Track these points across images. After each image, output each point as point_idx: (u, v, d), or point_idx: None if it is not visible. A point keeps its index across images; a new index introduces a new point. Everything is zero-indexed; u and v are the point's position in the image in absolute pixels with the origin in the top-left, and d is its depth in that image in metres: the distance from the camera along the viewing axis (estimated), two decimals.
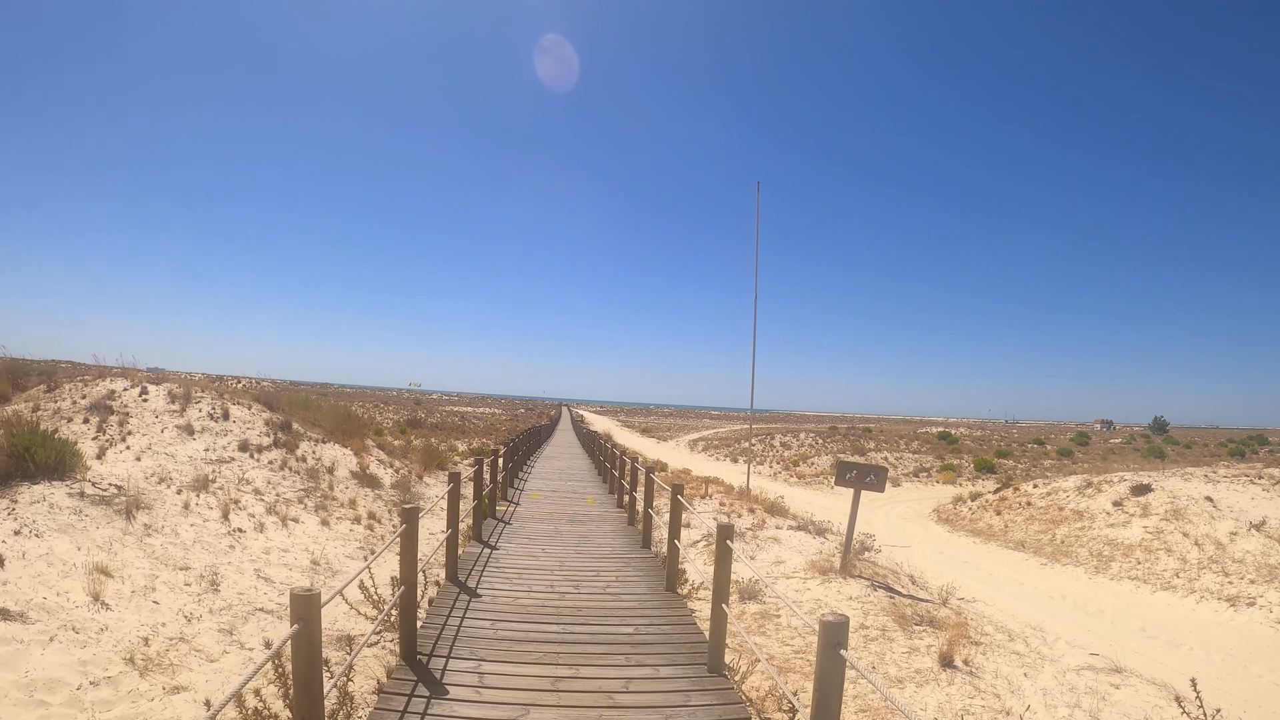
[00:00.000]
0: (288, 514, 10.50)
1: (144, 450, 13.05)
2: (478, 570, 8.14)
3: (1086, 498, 18.43)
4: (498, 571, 8.13)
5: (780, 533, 12.15)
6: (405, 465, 19.26)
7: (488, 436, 41.21)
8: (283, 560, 8.64)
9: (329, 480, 13.92)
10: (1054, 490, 19.89)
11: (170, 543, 8.29)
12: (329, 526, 10.63)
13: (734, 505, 16.24)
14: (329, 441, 17.22)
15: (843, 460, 8.90)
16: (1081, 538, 15.81)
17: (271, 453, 14.66)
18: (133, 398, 15.76)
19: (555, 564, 8.64)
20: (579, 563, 8.76)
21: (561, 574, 8.15)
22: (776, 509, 16.35)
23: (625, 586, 7.75)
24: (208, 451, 13.83)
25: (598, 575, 8.18)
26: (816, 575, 8.99)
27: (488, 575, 7.93)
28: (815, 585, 8.60)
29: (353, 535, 10.60)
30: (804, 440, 51.14)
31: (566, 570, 8.34)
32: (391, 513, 12.85)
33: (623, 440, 53.61)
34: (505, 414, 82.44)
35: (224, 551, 8.43)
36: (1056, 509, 18.25)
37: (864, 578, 9.14)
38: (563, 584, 7.71)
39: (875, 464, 8.82)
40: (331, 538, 10.12)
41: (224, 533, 9.05)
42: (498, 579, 7.78)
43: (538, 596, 7.16)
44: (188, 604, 6.76)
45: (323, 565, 8.79)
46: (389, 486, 15.19)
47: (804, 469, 36.50)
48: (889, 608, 8.03)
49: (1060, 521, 17.25)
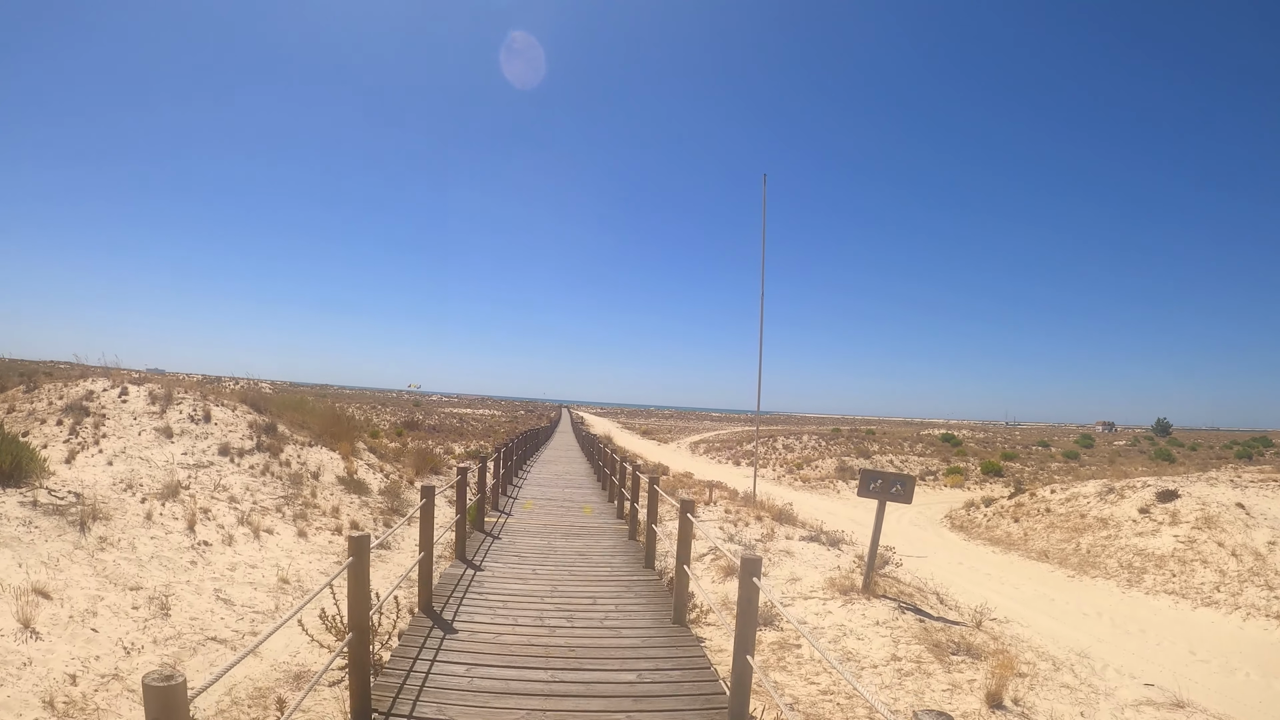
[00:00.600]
0: (261, 524, 9.68)
1: (118, 454, 12.26)
2: (457, 597, 7.03)
3: (1109, 504, 17.59)
4: (480, 599, 7.02)
5: (792, 544, 11.33)
6: (397, 469, 18.45)
7: (486, 439, 40.39)
8: (249, 578, 7.82)
9: (312, 487, 13.11)
10: (1074, 496, 19.04)
11: (125, 558, 7.48)
12: (306, 538, 9.81)
13: (740, 513, 15.41)
14: (316, 445, 16.42)
15: (866, 470, 8.08)
16: (1108, 547, 14.96)
17: (253, 457, 13.86)
18: (112, 399, 14.99)
19: (547, 588, 7.57)
20: (574, 586, 7.72)
21: (553, 601, 7.08)
22: (785, 516, 15.52)
23: (626, 618, 6.68)
24: (185, 455, 13.05)
25: (595, 603, 7.14)
26: (837, 595, 8.17)
27: (468, 604, 6.85)
28: (837, 607, 7.77)
29: (331, 548, 9.77)
30: (806, 443, 50.30)
31: (559, 596, 7.28)
32: (377, 522, 12.04)
33: (623, 443, 52.79)
34: (505, 416, 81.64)
35: (184, 568, 7.62)
36: (1078, 516, 17.40)
37: (889, 597, 8.32)
38: (554, 614, 6.65)
39: (902, 473, 7.98)
40: (307, 551, 9.31)
41: (187, 546, 8.23)
42: (479, 609, 6.71)
43: (524, 631, 6.08)
44: (131, 632, 5.94)
45: (292, 584, 7.96)
46: (377, 493, 14.37)
47: (808, 472, 35.68)
48: (920, 634, 7.21)
49: (1083, 530, 16.41)
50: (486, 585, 7.55)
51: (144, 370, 55.77)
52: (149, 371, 52.53)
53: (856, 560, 10.20)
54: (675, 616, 6.57)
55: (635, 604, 7.16)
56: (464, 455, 29.08)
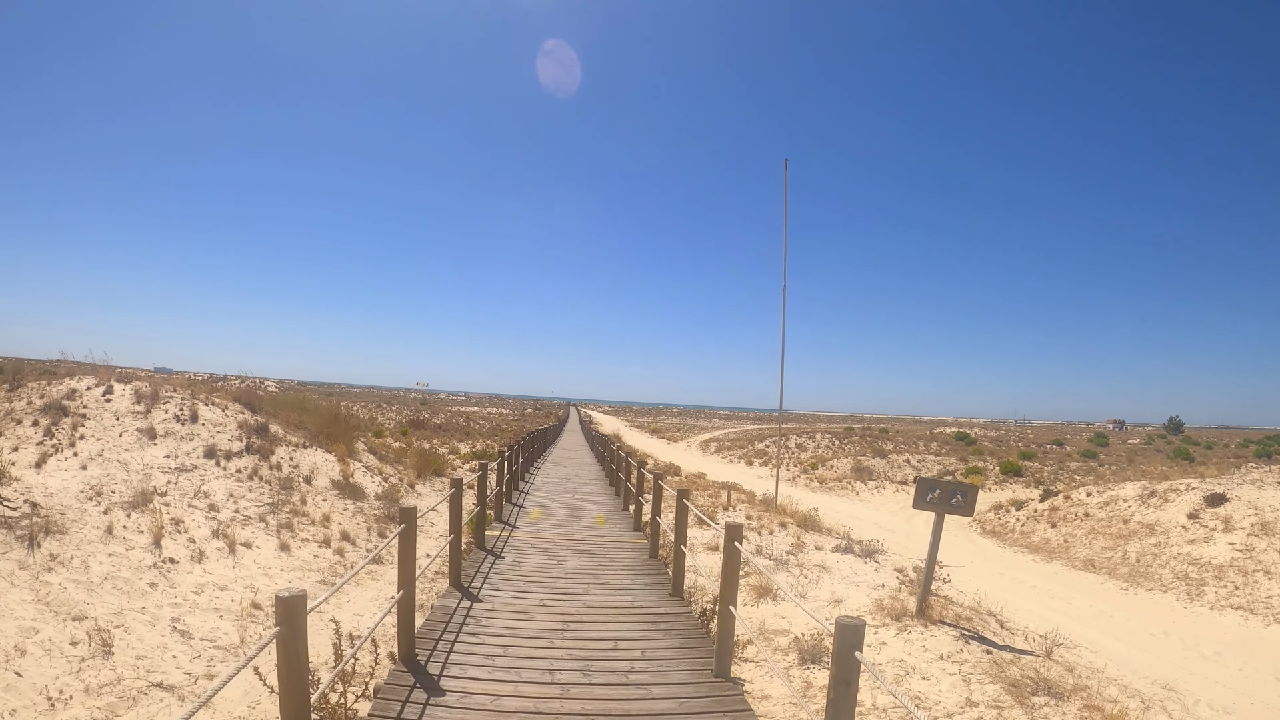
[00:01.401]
0: (238, 537, 8.72)
1: (94, 457, 11.35)
2: (447, 641, 5.64)
3: (1153, 508, 16.48)
4: (476, 643, 5.63)
5: (825, 556, 10.30)
6: (398, 471, 17.50)
7: (492, 438, 39.46)
8: (215, 602, 6.85)
9: (303, 492, 12.16)
10: (1112, 499, 17.93)
11: (74, 580, 6.53)
12: (289, 552, 8.84)
13: (762, 519, 14.39)
14: (312, 446, 15.48)
15: (923, 478, 7.05)
16: (1159, 556, 13.87)
17: (241, 459, 12.93)
18: (95, 398, 14.08)
19: (557, 626, 6.17)
20: (590, 623, 6.33)
21: (565, 645, 5.68)
22: (810, 523, 14.48)
23: (656, 669, 5.25)
24: (168, 458, 12.13)
25: (616, 646, 5.74)
26: (889, 621, 7.14)
27: (461, 650, 5.44)
28: (891, 636, 6.75)
29: (316, 563, 8.80)
30: (820, 442, 49.21)
31: (572, 638, 5.90)
32: (370, 531, 11.06)
33: (633, 442, 51.80)
34: (512, 414, 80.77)
35: (141, 592, 6.66)
36: (1121, 521, 16.30)
37: (947, 623, 7.29)
38: (566, 664, 5.26)
39: (961, 481, 6.92)
40: (289, 567, 8.33)
41: (149, 565, 7.27)
42: (474, 659, 5.29)
43: (530, 691, 4.74)
44: (62, 676, 4.98)
45: (265, 610, 6.98)
46: (374, 498, 13.41)
47: (824, 473, 34.56)
48: (992, 669, 6.18)
49: (1128, 537, 15.31)
50: (484, 623, 6.17)
51: (152, 370, 54.83)
52: (157, 371, 51.60)
53: (899, 577, 9.17)
54: (718, 668, 5.17)
55: (666, 647, 5.79)
56: (469, 455, 28.13)
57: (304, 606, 2.82)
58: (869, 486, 29.20)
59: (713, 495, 19.43)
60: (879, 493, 27.94)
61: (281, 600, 2.84)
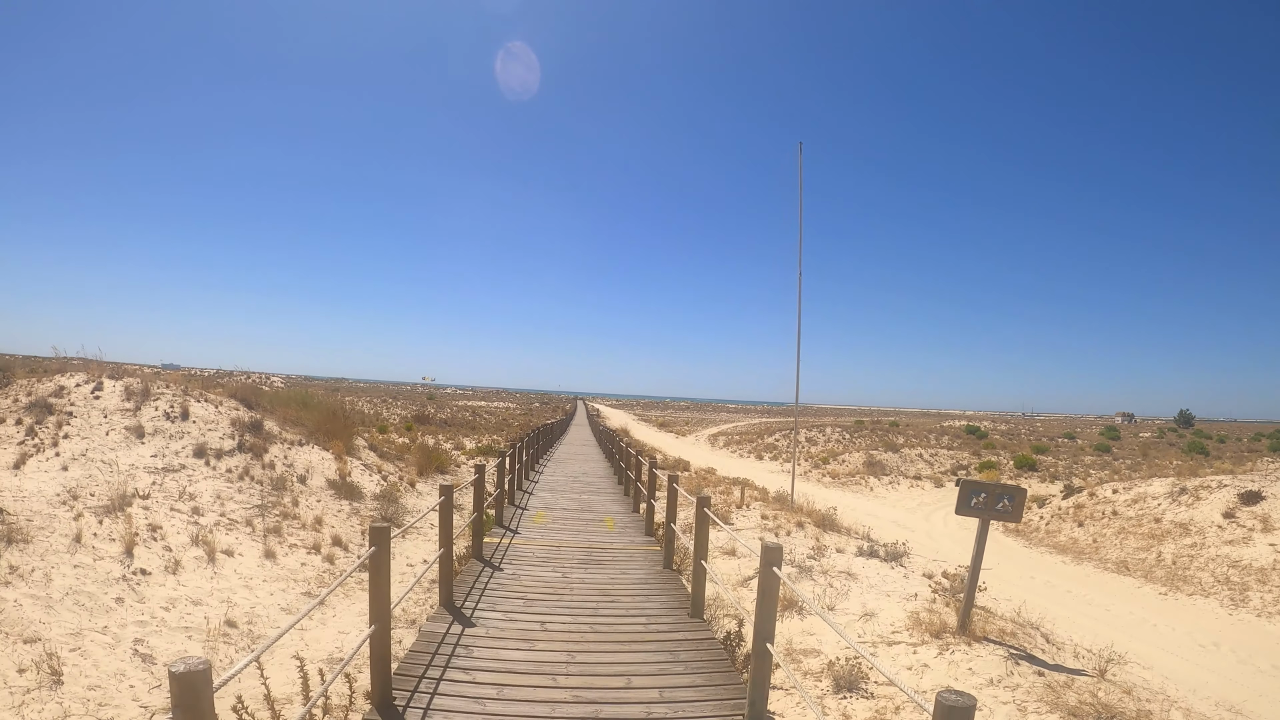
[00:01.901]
0: (220, 544, 8.11)
1: (76, 457, 10.81)
2: (433, 676, 4.81)
3: (1185, 506, 15.74)
4: (465, 679, 4.78)
5: (849, 561, 9.64)
6: (399, 469, 16.91)
7: (499, 433, 38.88)
8: (186, 620, 6.24)
9: (295, 492, 11.57)
10: (1141, 497, 17.19)
11: (32, 596, 5.93)
12: (274, 560, 8.22)
13: (778, 518, 13.73)
14: (309, 443, 14.91)
15: (968, 481, 6.37)
16: (1196, 558, 13.15)
17: (233, 458, 12.36)
18: (84, 395, 13.54)
19: (561, 656, 5.32)
20: (598, 653, 5.41)
21: (570, 683, 4.82)
22: (828, 523, 13.82)
23: (678, 713, 4.47)
24: (155, 458, 11.59)
25: (629, 684, 4.85)
26: (928, 638, 6.48)
27: (447, 689, 4.62)
28: (933, 657, 6.09)
29: (303, 572, 8.19)
30: (830, 435, 48.49)
31: (578, 672, 5.00)
32: (364, 537, 10.44)
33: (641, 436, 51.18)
34: (519, 408, 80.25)
35: (105, 608, 6.06)
36: (1152, 521, 15.57)
37: (990, 639, 6.62)
38: (572, 710, 4.43)
39: (1007, 484, 6.21)
40: (272, 577, 7.72)
41: (118, 577, 6.68)
42: (463, 701, 4.46)
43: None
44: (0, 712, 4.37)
45: (241, 628, 6.36)
46: (371, 498, 12.82)
47: (835, 467, 33.85)
48: (1047, 695, 5.52)
49: (1161, 537, 14.59)
50: (477, 653, 5.27)
51: (159, 366, 54.14)
52: (164, 367, 50.87)
53: (932, 585, 8.51)
54: (752, 711, 4.35)
55: (688, 685, 4.90)
56: (474, 451, 27.53)
57: (208, 684, 2.03)
58: (883, 482, 28.49)
59: (724, 492, 18.77)
60: (893, 488, 27.24)
61: (177, 678, 2.04)
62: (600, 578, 7.63)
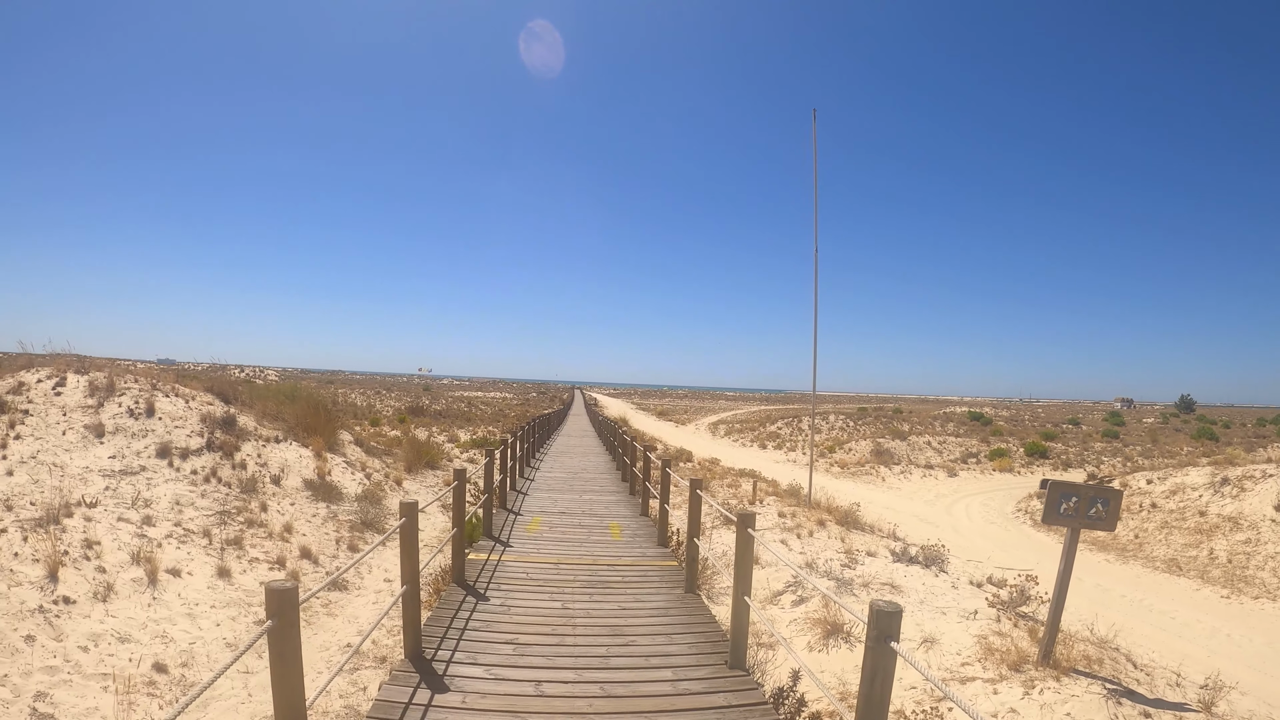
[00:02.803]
0: (165, 562, 6.97)
1: (25, 460, 9.67)
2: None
3: (1230, 498, 14.69)
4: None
5: (887, 569, 8.54)
6: (386, 465, 15.78)
7: (494, 424, 37.76)
8: (106, 663, 5.10)
9: (266, 495, 10.44)
10: (1179, 488, 16.14)
11: None
12: (228, 579, 7.09)
13: (796, 516, 12.63)
14: (287, 440, 13.76)
15: (1057, 482, 5.23)
16: (1254, 555, 12.09)
17: (200, 458, 11.22)
18: (44, 391, 12.37)
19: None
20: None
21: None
22: (851, 520, 12.73)
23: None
24: (113, 459, 10.45)
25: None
26: (1007, 671, 5.38)
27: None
28: (1018, 699, 4.98)
29: (262, 594, 7.04)
30: (834, 423, 47.39)
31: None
32: (339, 544, 9.32)
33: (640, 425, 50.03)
34: (516, 398, 79.13)
35: (11, 650, 4.93)
36: (1196, 514, 14.51)
37: (1078, 670, 5.53)
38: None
39: (1101, 484, 5.03)
40: (223, 602, 6.58)
41: (34, 607, 5.54)
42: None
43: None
44: None
45: (173, 673, 5.21)
46: (352, 499, 11.68)
47: (843, 456, 32.76)
48: None
49: (1209, 532, 13.53)
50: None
51: (155, 361, 52.76)
52: (160, 363, 49.52)
53: (991, 598, 7.40)
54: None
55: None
56: (469, 443, 26.43)
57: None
58: (894, 471, 27.42)
59: (732, 485, 17.69)
60: (906, 478, 26.18)
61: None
62: (609, 607, 6.08)
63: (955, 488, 24.37)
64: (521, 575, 6.82)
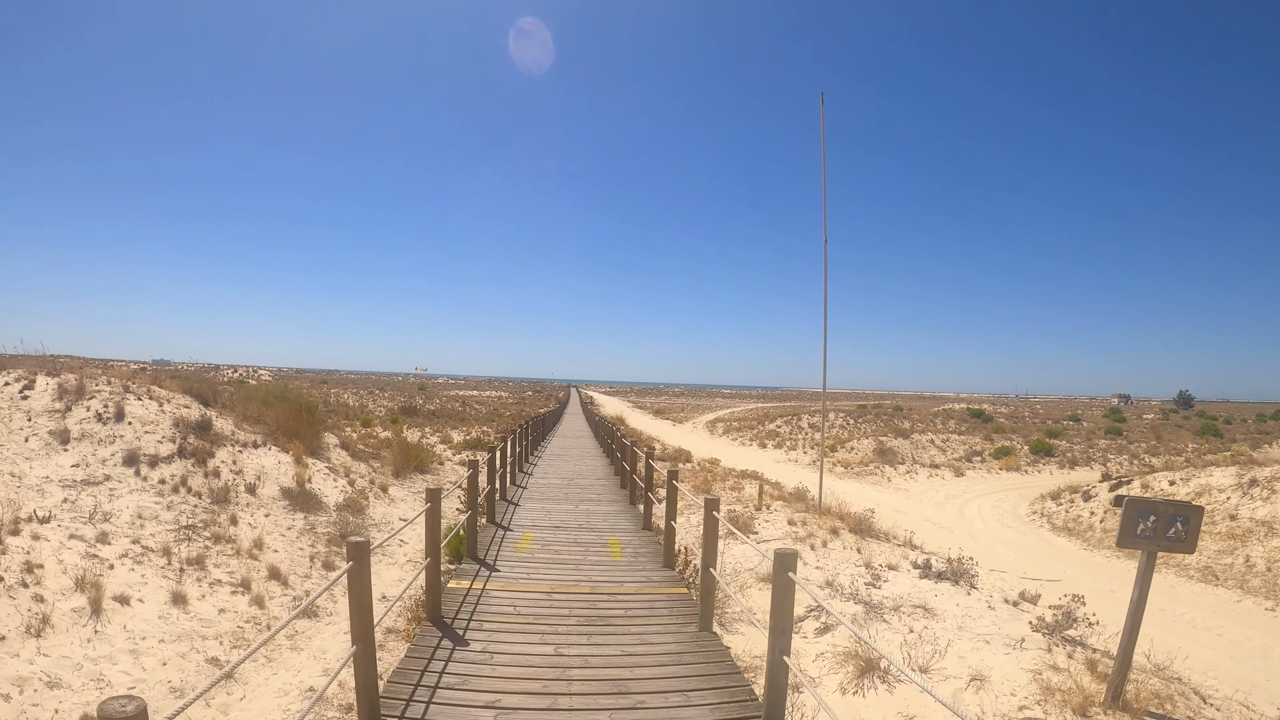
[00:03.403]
0: (113, 587, 6.20)
1: None
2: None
3: (1261, 501, 14.02)
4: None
5: (914, 587, 7.81)
6: (372, 470, 15.00)
7: (489, 424, 36.98)
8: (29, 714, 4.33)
9: (239, 506, 9.68)
10: (1204, 489, 15.47)
11: None
12: (184, 606, 6.31)
13: (807, 522, 11.90)
14: (267, 444, 12.98)
15: (1135, 498, 4.48)
16: None
17: (170, 466, 10.46)
18: (10, 395, 11.63)
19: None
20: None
21: None
22: (865, 528, 12.00)
23: None
24: (76, 468, 9.71)
25: None
26: (1070, 715, 4.66)
27: None
28: None
29: (220, 622, 6.26)
30: (834, 421, 46.78)
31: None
32: (314, 562, 8.53)
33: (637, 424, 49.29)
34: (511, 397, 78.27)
35: None
36: (1227, 518, 13.84)
37: (1152, 714, 4.82)
38: None
39: (1182, 502, 4.26)
40: (176, 634, 5.80)
41: None
42: None
43: None
44: None
45: None
46: (333, 507, 10.93)
47: (845, 455, 32.06)
48: None
49: (1243, 537, 12.84)
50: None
51: (149, 363, 51.97)
52: (154, 364, 48.74)
53: (1037, 625, 6.68)
54: None
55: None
56: (462, 444, 25.65)
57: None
58: (899, 471, 26.73)
59: (735, 487, 16.94)
60: (912, 478, 25.49)
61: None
62: (611, 652, 5.06)
63: (964, 488, 23.69)
64: (508, 609, 5.90)
